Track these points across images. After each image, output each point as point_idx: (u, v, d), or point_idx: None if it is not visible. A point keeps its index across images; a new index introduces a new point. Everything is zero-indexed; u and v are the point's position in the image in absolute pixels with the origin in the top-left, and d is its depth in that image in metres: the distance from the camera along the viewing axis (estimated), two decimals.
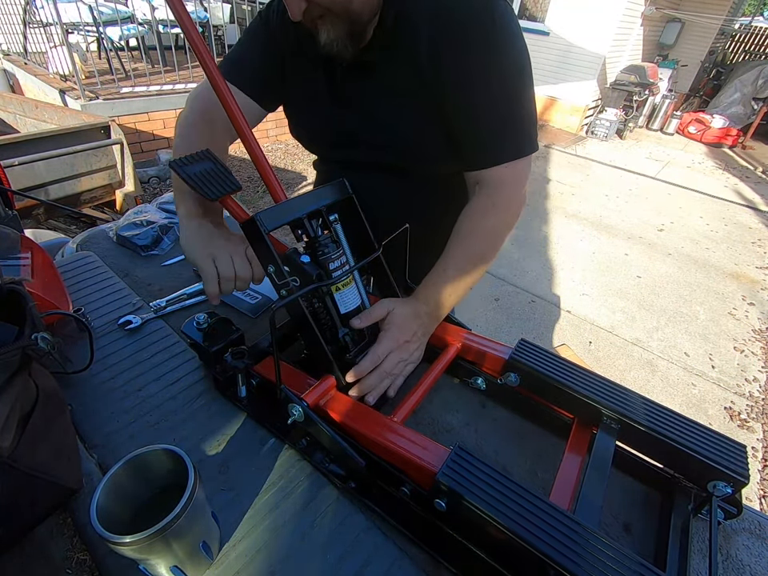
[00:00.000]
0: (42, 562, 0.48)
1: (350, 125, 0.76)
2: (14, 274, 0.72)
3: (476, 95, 0.66)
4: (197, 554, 0.45)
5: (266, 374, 0.63)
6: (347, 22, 0.62)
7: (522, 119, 0.68)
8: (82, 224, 3.04)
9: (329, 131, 0.80)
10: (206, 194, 0.58)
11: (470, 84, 0.65)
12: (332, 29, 0.62)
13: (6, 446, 0.41)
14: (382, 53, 0.67)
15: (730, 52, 9.16)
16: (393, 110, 0.72)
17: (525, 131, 0.69)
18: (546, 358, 0.64)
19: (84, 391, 0.67)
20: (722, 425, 2.19)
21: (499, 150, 0.69)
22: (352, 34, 0.64)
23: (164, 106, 3.96)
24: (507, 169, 0.69)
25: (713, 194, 5.16)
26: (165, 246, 1.03)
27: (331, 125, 0.79)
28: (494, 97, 0.66)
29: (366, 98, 0.73)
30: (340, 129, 0.78)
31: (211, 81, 0.59)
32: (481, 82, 0.65)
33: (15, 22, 4.27)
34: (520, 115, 0.68)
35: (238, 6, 5.40)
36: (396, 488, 0.53)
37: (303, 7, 0.59)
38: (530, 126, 0.69)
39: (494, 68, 0.64)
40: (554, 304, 2.94)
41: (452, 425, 0.68)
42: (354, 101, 0.74)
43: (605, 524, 0.56)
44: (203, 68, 0.58)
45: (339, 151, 0.82)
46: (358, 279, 0.66)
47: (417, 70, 0.66)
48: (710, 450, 0.52)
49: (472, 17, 0.61)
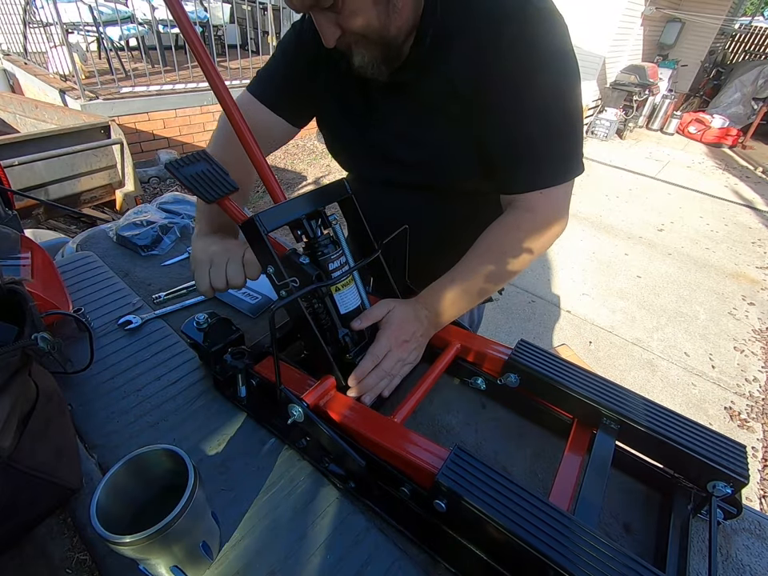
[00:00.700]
0: (42, 562, 0.48)
1: (383, 144, 0.75)
2: (14, 273, 0.72)
3: (513, 118, 0.63)
4: (197, 554, 0.45)
5: (265, 374, 0.63)
6: (382, 46, 0.61)
7: (561, 143, 0.64)
8: (82, 224, 3.04)
9: (363, 150, 0.79)
10: (203, 195, 0.58)
11: (507, 106, 0.62)
12: (366, 53, 0.61)
13: (6, 446, 0.41)
14: (418, 72, 0.65)
15: (730, 52, 9.15)
16: (428, 129, 0.70)
17: (564, 156, 0.65)
18: (545, 359, 0.64)
19: (84, 391, 0.67)
20: (721, 425, 2.19)
21: (534, 176, 0.65)
22: (387, 57, 0.62)
23: (164, 106, 3.96)
24: (542, 195, 0.66)
25: (713, 194, 5.16)
26: (165, 245, 1.03)
27: (365, 144, 0.78)
28: (532, 120, 0.62)
29: (401, 117, 0.71)
30: (374, 148, 0.77)
31: (209, 79, 0.59)
32: (518, 104, 0.61)
33: (15, 21, 4.27)
34: (559, 139, 0.64)
35: (237, 5, 5.39)
36: (396, 488, 0.53)
37: (337, 35, 0.58)
38: (570, 150, 0.65)
39: (535, 90, 0.60)
40: (554, 304, 2.94)
41: (452, 425, 0.68)
42: (389, 120, 0.73)
43: (604, 524, 0.56)
44: (201, 68, 0.58)
45: (373, 170, 0.82)
46: (358, 279, 0.66)
47: (453, 89, 0.64)
48: (709, 450, 0.52)
49: (514, 40, 0.58)
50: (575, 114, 0.63)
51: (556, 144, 0.64)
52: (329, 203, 0.65)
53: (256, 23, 5.50)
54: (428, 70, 0.65)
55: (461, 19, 0.61)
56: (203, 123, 4.31)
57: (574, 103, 0.62)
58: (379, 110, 0.73)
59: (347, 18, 0.56)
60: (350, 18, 0.56)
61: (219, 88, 0.59)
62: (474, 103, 0.63)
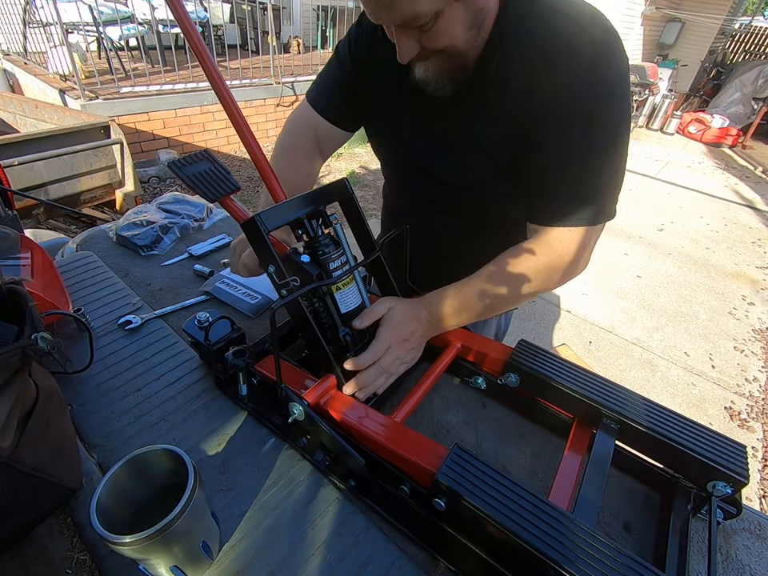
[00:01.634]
0: (42, 562, 0.48)
1: (423, 158, 0.75)
2: (13, 273, 0.72)
3: (556, 157, 0.61)
4: (197, 554, 0.45)
5: (266, 372, 0.63)
6: (455, 65, 0.60)
7: (599, 186, 0.62)
8: (82, 224, 3.04)
9: (405, 161, 0.79)
10: (204, 195, 0.58)
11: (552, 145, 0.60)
12: (431, 66, 0.61)
13: (6, 446, 0.41)
14: (474, 94, 0.64)
15: (730, 52, 9.15)
16: (470, 151, 0.69)
17: (599, 199, 0.62)
18: (545, 359, 0.64)
19: (84, 391, 0.67)
20: (721, 425, 2.19)
21: (564, 212, 0.63)
22: (454, 75, 0.61)
23: (164, 106, 3.96)
24: (568, 232, 0.64)
25: (713, 194, 5.16)
26: (165, 246, 1.03)
27: (407, 156, 0.77)
28: (575, 160, 0.60)
29: (446, 134, 0.70)
30: (414, 160, 0.76)
31: (209, 79, 0.58)
32: (565, 145, 0.60)
33: (15, 21, 4.27)
34: (598, 184, 0.62)
35: (237, 5, 5.39)
36: (396, 487, 0.53)
37: (416, 52, 0.57)
38: (607, 195, 0.63)
39: (587, 135, 0.59)
40: (554, 304, 2.94)
41: (452, 424, 0.68)
42: (433, 136, 0.72)
43: (604, 524, 0.56)
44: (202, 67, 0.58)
45: (409, 183, 0.82)
46: (359, 279, 0.66)
47: (504, 117, 0.63)
48: (709, 450, 0.52)
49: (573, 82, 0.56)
50: (619, 159, 0.61)
51: (593, 186, 0.62)
52: (329, 203, 0.65)
53: (256, 23, 5.51)
54: (483, 94, 0.63)
55: (523, 47, 0.59)
56: (203, 123, 4.31)
57: (620, 149, 0.60)
58: (427, 123, 0.72)
59: (433, 38, 0.55)
60: (435, 37, 0.55)
61: (220, 87, 0.59)
62: (519, 134, 0.62)
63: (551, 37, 0.56)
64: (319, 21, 6.39)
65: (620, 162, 0.62)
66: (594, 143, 0.59)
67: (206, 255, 1.03)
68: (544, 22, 0.57)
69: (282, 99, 4.84)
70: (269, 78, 4.72)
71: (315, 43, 6.65)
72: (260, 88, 4.65)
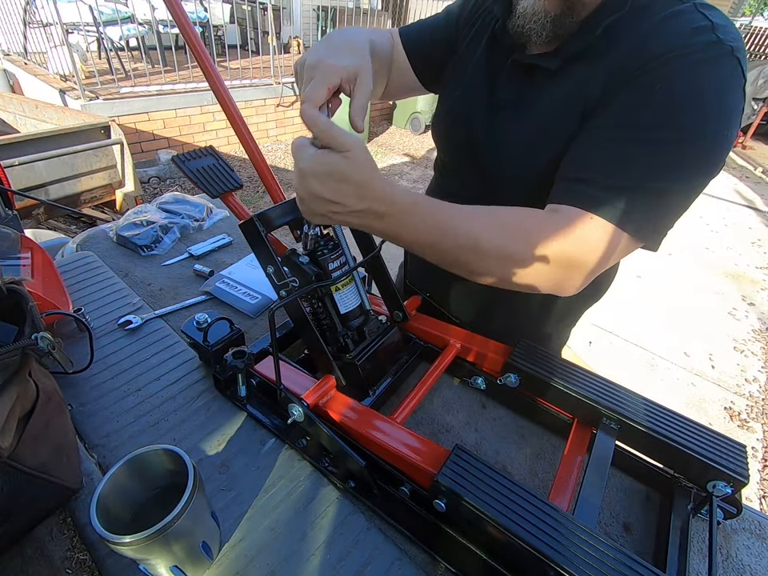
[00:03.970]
0: (42, 562, 0.48)
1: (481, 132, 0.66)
2: (14, 273, 0.72)
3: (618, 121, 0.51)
4: (197, 554, 0.45)
5: (266, 373, 0.63)
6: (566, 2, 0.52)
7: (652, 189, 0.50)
8: (82, 224, 3.04)
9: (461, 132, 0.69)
10: (207, 190, 0.58)
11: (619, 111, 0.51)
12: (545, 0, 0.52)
13: (6, 446, 0.41)
14: (563, 62, 0.56)
15: None
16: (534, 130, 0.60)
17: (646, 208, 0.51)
18: (545, 359, 0.64)
19: (84, 391, 0.67)
20: (721, 425, 2.19)
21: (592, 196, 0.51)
22: (560, 17, 0.53)
23: (164, 106, 3.96)
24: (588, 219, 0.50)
25: (712, 194, 5.15)
26: (165, 245, 1.03)
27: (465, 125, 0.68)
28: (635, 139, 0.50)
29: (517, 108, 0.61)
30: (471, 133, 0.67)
31: (208, 79, 0.59)
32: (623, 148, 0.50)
33: (15, 21, 4.27)
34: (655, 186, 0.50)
35: (237, 6, 5.39)
36: (396, 488, 0.53)
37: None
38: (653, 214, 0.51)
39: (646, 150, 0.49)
40: None
41: (452, 425, 0.68)
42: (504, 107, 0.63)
43: (604, 524, 0.56)
44: (201, 68, 0.58)
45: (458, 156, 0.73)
46: (358, 279, 0.66)
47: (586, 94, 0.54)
48: (709, 450, 0.52)
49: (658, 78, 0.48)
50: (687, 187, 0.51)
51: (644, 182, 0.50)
52: None
53: (256, 23, 5.50)
54: (574, 63, 0.56)
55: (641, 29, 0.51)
56: (203, 123, 4.31)
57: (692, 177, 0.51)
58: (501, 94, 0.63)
59: None
60: None
61: (219, 88, 0.59)
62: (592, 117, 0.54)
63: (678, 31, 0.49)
64: (319, 21, 6.38)
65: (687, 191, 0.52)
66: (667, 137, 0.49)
67: (206, 255, 1.03)
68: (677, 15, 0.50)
69: (282, 99, 4.84)
70: (269, 79, 4.72)
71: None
72: (260, 88, 4.65)
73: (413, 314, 0.76)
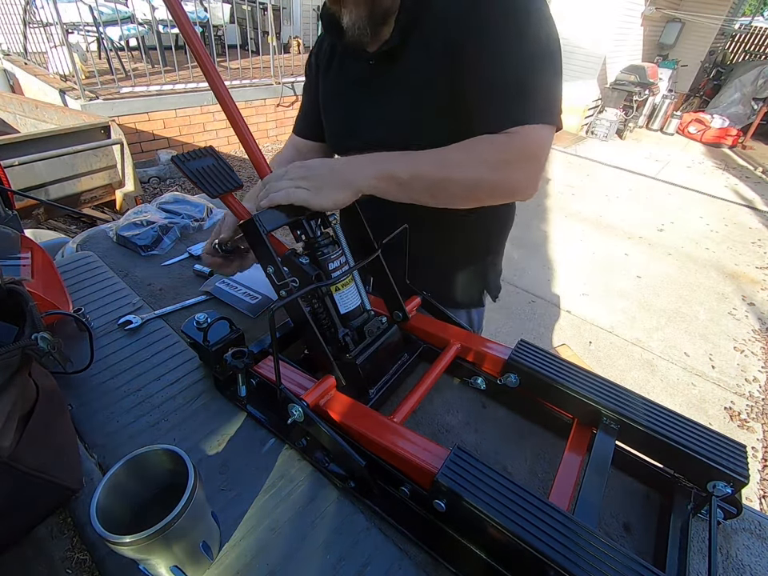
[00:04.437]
0: (42, 562, 0.48)
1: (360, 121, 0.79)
2: (14, 273, 0.72)
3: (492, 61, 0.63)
4: (197, 554, 0.45)
5: (265, 373, 0.63)
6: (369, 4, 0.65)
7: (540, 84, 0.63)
8: (82, 224, 3.04)
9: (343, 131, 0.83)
10: (206, 190, 0.58)
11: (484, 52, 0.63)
12: (354, 10, 0.66)
13: (6, 446, 0.41)
14: (403, 39, 0.68)
15: (729, 52, 9.15)
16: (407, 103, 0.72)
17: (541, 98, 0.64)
18: (545, 359, 0.64)
19: (84, 391, 0.67)
20: (721, 425, 2.19)
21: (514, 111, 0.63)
22: (372, 16, 0.67)
23: (164, 106, 3.96)
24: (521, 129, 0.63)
25: (713, 194, 5.15)
26: (165, 245, 1.03)
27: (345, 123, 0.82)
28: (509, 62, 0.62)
29: (383, 92, 0.74)
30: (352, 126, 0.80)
31: (208, 80, 0.59)
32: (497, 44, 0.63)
33: (15, 21, 4.27)
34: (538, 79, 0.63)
35: (237, 5, 5.39)
36: (396, 488, 0.53)
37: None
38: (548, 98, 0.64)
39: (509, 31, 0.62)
40: (554, 304, 2.94)
41: (452, 425, 0.68)
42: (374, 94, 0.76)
43: (604, 524, 0.56)
44: (201, 68, 0.58)
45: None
46: (358, 279, 0.66)
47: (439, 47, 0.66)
48: (709, 450, 0.52)
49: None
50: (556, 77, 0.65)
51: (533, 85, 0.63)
52: None
53: (256, 23, 5.51)
54: (411, 36, 0.68)
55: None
56: (203, 123, 4.31)
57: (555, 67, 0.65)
58: (370, 86, 0.76)
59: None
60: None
61: (219, 88, 0.59)
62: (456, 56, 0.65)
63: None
64: (319, 21, 6.39)
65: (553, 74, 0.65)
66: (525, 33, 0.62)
67: None
68: None
69: (282, 99, 4.84)
70: (269, 78, 4.72)
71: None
72: (260, 88, 4.65)
73: (413, 314, 0.76)
